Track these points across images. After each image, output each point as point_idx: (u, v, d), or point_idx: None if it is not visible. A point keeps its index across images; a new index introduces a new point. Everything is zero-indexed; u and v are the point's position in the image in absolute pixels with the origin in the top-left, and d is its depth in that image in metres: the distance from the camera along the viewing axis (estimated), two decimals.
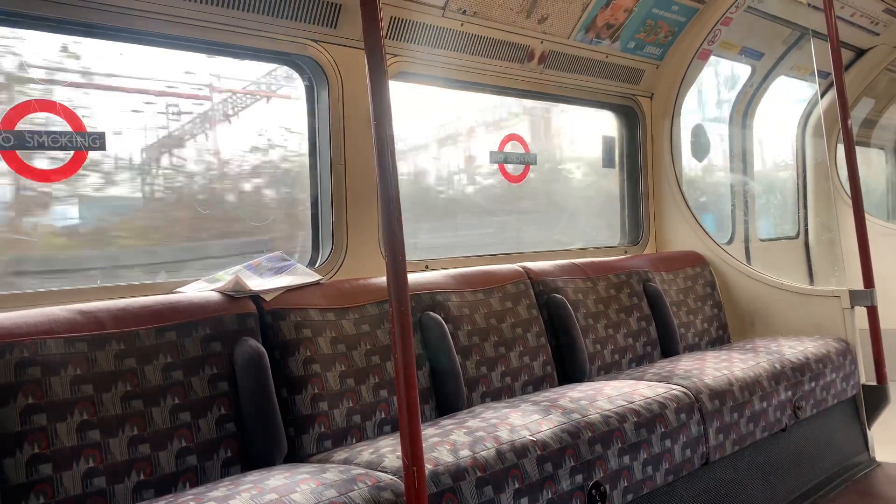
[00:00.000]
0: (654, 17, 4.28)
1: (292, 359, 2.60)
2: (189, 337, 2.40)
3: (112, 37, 2.67)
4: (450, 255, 3.72)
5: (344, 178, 3.17)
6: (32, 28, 2.51)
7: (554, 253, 4.17)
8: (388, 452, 2.31)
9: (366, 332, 2.82)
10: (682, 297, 4.27)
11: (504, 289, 3.41)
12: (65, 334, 2.17)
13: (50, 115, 2.49)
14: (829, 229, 6.19)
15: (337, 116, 3.15)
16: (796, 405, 3.52)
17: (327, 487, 1.98)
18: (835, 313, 4.12)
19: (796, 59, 5.73)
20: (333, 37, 3.12)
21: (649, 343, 3.96)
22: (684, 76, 4.66)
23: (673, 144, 4.75)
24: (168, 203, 3.07)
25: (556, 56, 4.03)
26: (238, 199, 3.26)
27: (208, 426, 2.34)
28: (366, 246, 3.24)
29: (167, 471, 2.22)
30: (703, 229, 4.67)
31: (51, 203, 2.70)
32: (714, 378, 3.22)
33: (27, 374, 2.06)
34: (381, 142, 1.99)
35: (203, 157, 3.17)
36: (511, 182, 4.23)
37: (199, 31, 2.77)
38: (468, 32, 3.56)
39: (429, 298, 3.11)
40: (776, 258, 6.02)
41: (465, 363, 3.09)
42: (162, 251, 3.05)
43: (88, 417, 2.11)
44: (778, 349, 3.77)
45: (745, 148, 5.96)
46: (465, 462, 2.22)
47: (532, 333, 3.40)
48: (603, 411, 2.69)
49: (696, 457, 2.95)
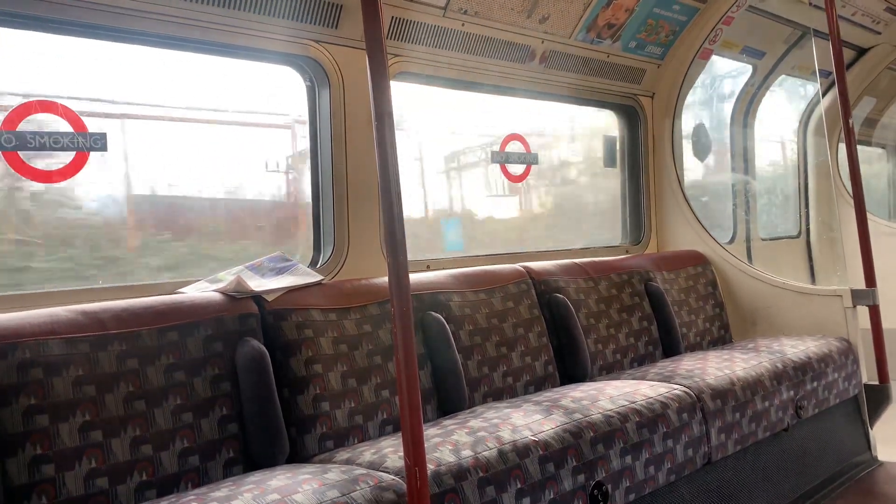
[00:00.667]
0: (656, 17, 4.27)
1: (294, 359, 2.60)
2: (191, 337, 2.40)
3: (113, 37, 2.67)
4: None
5: (345, 179, 3.17)
6: (31, 29, 2.51)
7: (555, 253, 4.17)
8: (390, 453, 2.31)
9: (367, 333, 2.82)
10: (683, 297, 4.27)
11: (506, 289, 3.41)
12: (67, 335, 2.17)
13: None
14: (830, 228, 6.19)
15: (338, 116, 3.15)
16: (798, 405, 3.52)
17: (329, 488, 1.98)
18: (837, 313, 4.11)
19: (798, 58, 5.73)
20: (334, 37, 3.12)
21: (651, 343, 3.95)
22: (686, 75, 4.65)
23: (674, 144, 4.75)
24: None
25: (558, 56, 4.02)
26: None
27: (210, 427, 2.34)
28: (367, 246, 3.24)
29: (169, 471, 2.22)
30: (705, 229, 4.67)
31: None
32: (716, 378, 3.22)
33: (29, 375, 2.06)
34: (383, 142, 1.98)
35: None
36: (512, 182, 4.23)
37: (200, 31, 2.77)
38: (469, 32, 3.56)
39: (430, 298, 3.11)
40: (778, 257, 6.02)
41: (467, 363, 3.09)
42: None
43: (91, 418, 2.12)
44: (780, 349, 3.76)
45: (746, 147, 5.96)
46: (467, 462, 2.22)
47: (534, 333, 3.40)
48: (605, 411, 2.69)
49: (698, 456, 2.95)
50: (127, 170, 2.82)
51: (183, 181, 3.04)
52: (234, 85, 3.14)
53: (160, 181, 2.98)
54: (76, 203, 2.73)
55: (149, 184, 2.96)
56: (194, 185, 3.09)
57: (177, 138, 3.01)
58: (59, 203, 2.70)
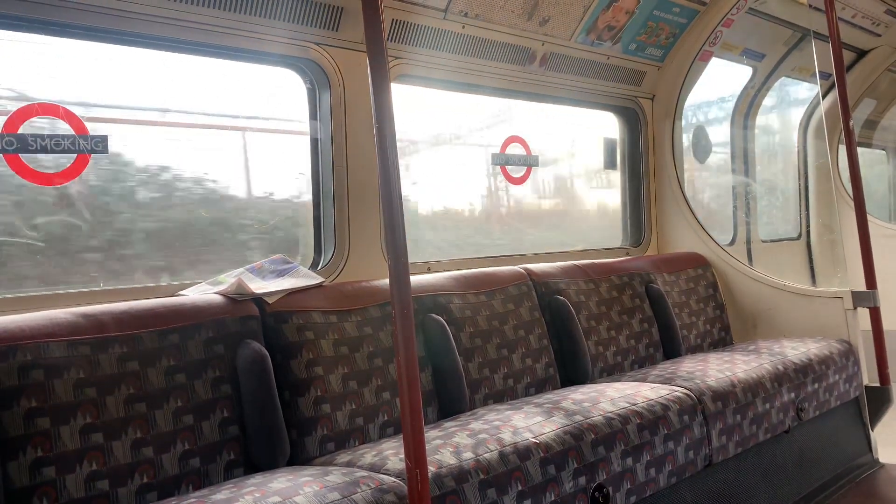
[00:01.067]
0: (656, 19, 4.28)
1: (295, 361, 2.59)
2: (191, 340, 2.40)
3: (114, 40, 2.67)
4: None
5: (346, 181, 3.18)
6: (33, 31, 2.51)
7: (556, 255, 4.17)
8: (390, 455, 2.31)
9: (368, 335, 2.82)
10: (684, 299, 4.27)
11: (506, 291, 3.41)
12: (67, 337, 2.17)
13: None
14: (831, 230, 6.19)
15: (339, 119, 3.16)
16: (799, 407, 3.51)
17: (330, 490, 1.98)
18: (837, 314, 4.11)
19: (798, 60, 5.73)
20: (335, 39, 3.13)
21: (651, 345, 3.95)
22: (686, 77, 4.66)
23: (675, 146, 4.75)
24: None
25: (558, 58, 4.03)
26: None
27: (211, 429, 2.34)
28: (368, 248, 3.25)
29: (170, 473, 2.22)
30: (706, 231, 4.67)
31: None
32: (717, 380, 3.22)
33: (30, 378, 2.06)
34: (383, 144, 1.99)
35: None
36: (512, 184, 4.23)
37: (202, 34, 2.77)
38: (469, 35, 3.56)
39: (431, 300, 3.11)
40: (778, 259, 6.02)
41: (468, 365, 3.08)
42: None
43: (91, 420, 2.12)
44: (780, 350, 3.76)
45: (746, 149, 5.96)
46: (468, 464, 2.22)
47: (534, 335, 3.40)
48: (606, 413, 2.69)
49: (699, 458, 2.95)
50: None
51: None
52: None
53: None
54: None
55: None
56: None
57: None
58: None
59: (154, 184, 2.92)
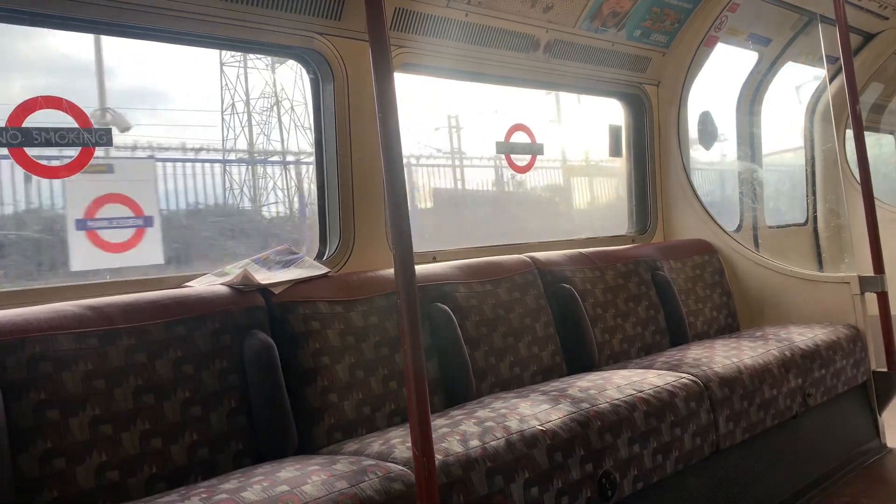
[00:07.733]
0: (660, 5, 4.25)
1: (301, 351, 2.60)
2: (198, 331, 2.41)
3: (117, 33, 2.68)
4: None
5: (350, 171, 3.17)
6: (33, 25, 2.51)
7: (561, 242, 4.17)
8: (398, 443, 2.32)
9: (374, 324, 2.83)
10: (690, 286, 4.26)
11: (512, 279, 3.41)
12: (75, 330, 2.18)
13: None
14: (838, 215, 6.16)
15: (342, 109, 3.15)
16: (806, 392, 3.51)
17: (338, 479, 1.99)
18: (845, 300, 4.10)
19: (804, 45, 5.69)
20: (338, 29, 3.12)
21: (658, 332, 3.95)
22: (691, 63, 4.63)
23: (680, 132, 4.73)
24: None
25: (562, 45, 4.01)
26: None
27: (219, 419, 2.35)
28: (373, 238, 3.25)
29: (179, 464, 2.23)
30: (712, 217, 4.65)
31: None
32: (724, 366, 3.21)
33: (39, 370, 2.07)
34: (387, 134, 1.98)
35: None
36: (517, 172, 4.22)
37: (206, 26, 2.77)
38: (473, 23, 3.54)
39: (437, 290, 3.11)
40: (785, 245, 5.99)
41: (474, 354, 3.09)
42: None
43: (100, 412, 2.13)
44: (787, 336, 3.75)
45: (752, 134, 5.93)
46: (475, 452, 2.23)
47: (540, 323, 3.40)
48: (612, 400, 2.69)
49: (706, 445, 2.95)
50: None
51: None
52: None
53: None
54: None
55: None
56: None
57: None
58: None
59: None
